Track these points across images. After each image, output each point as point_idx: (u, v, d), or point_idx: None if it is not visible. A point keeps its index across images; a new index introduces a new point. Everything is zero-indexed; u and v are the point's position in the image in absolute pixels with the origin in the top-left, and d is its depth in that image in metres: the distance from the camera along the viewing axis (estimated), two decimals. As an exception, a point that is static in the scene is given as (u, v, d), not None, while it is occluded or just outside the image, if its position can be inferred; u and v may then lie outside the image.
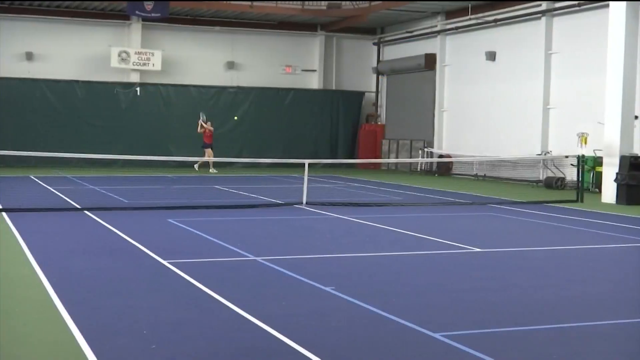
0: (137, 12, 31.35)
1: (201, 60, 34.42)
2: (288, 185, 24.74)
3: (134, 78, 33.12)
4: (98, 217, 15.31)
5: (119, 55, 32.47)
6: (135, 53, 32.66)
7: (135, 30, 33.15)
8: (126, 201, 18.81)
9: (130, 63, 32.62)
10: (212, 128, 30.17)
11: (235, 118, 32.65)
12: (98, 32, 32.95)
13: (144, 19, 32.52)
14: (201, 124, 30.01)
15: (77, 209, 16.86)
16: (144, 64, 32.81)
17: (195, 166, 29.90)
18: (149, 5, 31.06)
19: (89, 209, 16.47)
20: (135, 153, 27.97)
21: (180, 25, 34.00)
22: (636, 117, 21.91)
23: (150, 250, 11.41)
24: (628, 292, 9.48)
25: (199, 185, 24.21)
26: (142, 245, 11.95)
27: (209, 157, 28.92)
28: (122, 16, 32.69)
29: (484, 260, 11.61)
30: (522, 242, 13.69)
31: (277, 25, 35.37)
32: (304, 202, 18.36)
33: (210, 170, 29.78)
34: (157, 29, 33.47)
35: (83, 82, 32.39)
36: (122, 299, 8.40)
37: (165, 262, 10.49)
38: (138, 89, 32.91)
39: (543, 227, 15.70)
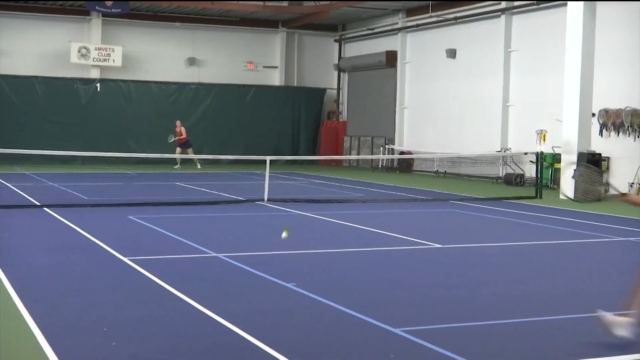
0: (97, 7, 31.10)
1: (162, 56, 34.24)
2: (250, 182, 24.71)
3: (94, 74, 32.85)
4: (58, 214, 15.17)
5: (79, 51, 32.19)
6: (96, 49, 32.40)
7: (95, 26, 32.88)
8: (86, 198, 18.66)
9: (91, 59, 32.35)
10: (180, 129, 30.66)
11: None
12: (58, 27, 32.63)
13: (104, 15, 32.26)
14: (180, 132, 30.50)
15: (36, 205, 16.68)
16: (104, 60, 32.56)
17: (177, 166, 30.21)
18: (109, 1, 30.80)
19: (48, 206, 16.31)
20: (95, 149, 27.76)
21: (141, 21, 33.78)
22: (593, 115, 22.21)
23: (111, 248, 11.34)
24: (585, 287, 9.62)
25: (160, 182, 24.09)
26: (102, 242, 11.86)
27: (192, 154, 29.54)
28: (82, 12, 32.40)
29: (444, 256, 11.70)
30: (482, 238, 13.81)
31: (239, 22, 35.30)
32: (266, 199, 18.34)
33: (199, 166, 30.52)
34: (117, 24, 33.23)
35: (43, 78, 32.07)
36: (83, 297, 8.34)
37: (126, 260, 10.43)
38: (98, 85, 32.65)
39: (503, 223, 15.85)
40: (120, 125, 32.79)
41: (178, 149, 29.86)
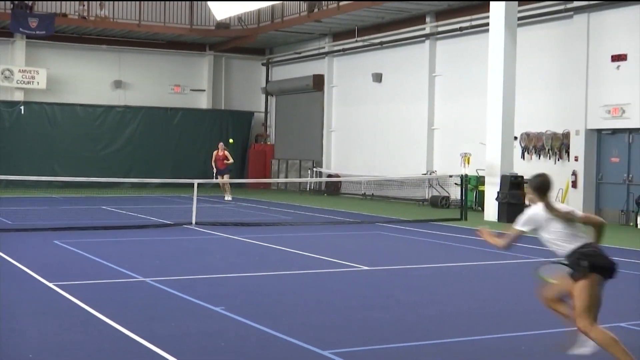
0: (20, 29, 30.56)
1: (88, 79, 33.82)
2: (177, 206, 24.53)
3: (18, 96, 32.27)
4: (-20, 240, 14.84)
5: (2, 73, 31.60)
6: (19, 71, 31.84)
7: (19, 47, 32.32)
8: (10, 222, 18.29)
9: (14, 81, 31.78)
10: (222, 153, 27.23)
11: (231, 141, 29.70)
12: (-20, 49, 32.01)
13: (28, 37, 31.73)
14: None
15: (-43, 231, 16.29)
16: (29, 82, 32.02)
17: (229, 198, 26.80)
18: (33, 22, 30.35)
19: (-30, 231, 15.94)
20: (19, 173, 27.21)
21: (66, 43, 33.34)
22: (515, 138, 22.71)
23: (35, 273, 11.13)
24: (509, 307, 9.79)
25: (85, 206, 23.73)
26: (26, 267, 11.64)
27: (226, 183, 26.32)
28: (6, 33, 31.80)
29: (371, 278, 11.78)
30: (409, 260, 13.96)
31: (166, 45, 35.15)
32: (194, 222, 18.24)
33: (228, 197, 26.87)
34: (42, 46, 32.73)
35: (-36, 100, 31.38)
36: (6, 323, 8.16)
37: (51, 285, 10.26)
38: (22, 107, 32.06)
39: (429, 245, 16.05)
40: (45, 149, 32.24)
41: (220, 177, 26.63)
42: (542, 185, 6.62)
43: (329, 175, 31.52)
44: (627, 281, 11.27)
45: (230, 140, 29.05)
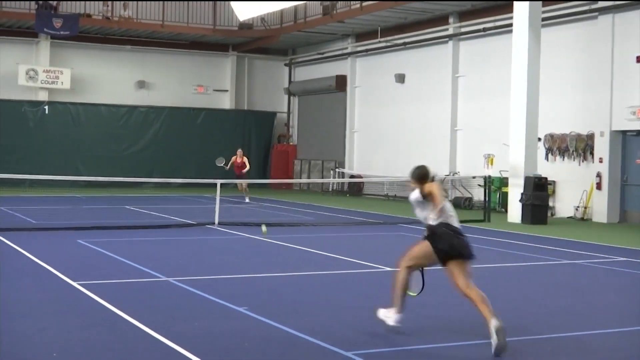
0: (45, 29, 30.78)
1: (111, 79, 34.01)
2: (200, 206, 24.61)
3: (42, 96, 32.50)
4: (5, 239, 14.93)
5: (27, 74, 31.84)
6: (44, 71, 32.07)
7: (43, 48, 32.56)
8: (34, 222, 18.43)
9: (39, 81, 32.01)
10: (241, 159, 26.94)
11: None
12: (5, 49, 32.23)
13: (53, 37, 31.94)
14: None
15: (-18, 230, 16.43)
16: (53, 82, 32.24)
17: (248, 200, 26.42)
18: (57, 23, 30.55)
19: (-5, 230, 16.08)
20: (43, 172, 27.39)
21: (90, 43, 33.55)
22: (539, 139, 22.59)
23: (60, 272, 11.20)
24: (533, 309, 9.73)
25: (109, 206, 23.86)
26: (51, 266, 11.72)
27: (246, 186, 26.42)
28: (31, 34, 32.07)
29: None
30: (431, 261, 13.89)
31: (189, 45, 35.26)
32: (216, 222, 18.28)
33: (247, 200, 26.49)
34: (66, 47, 32.94)
35: (-11, 100, 31.63)
36: (31, 322, 8.22)
37: (75, 284, 10.31)
38: (46, 107, 32.28)
39: (451, 246, 15.95)
40: (68, 148, 32.44)
41: (239, 182, 26.45)
42: (420, 176, 8.21)
43: (352, 176, 31.49)
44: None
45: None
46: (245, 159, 27.04)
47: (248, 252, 14.40)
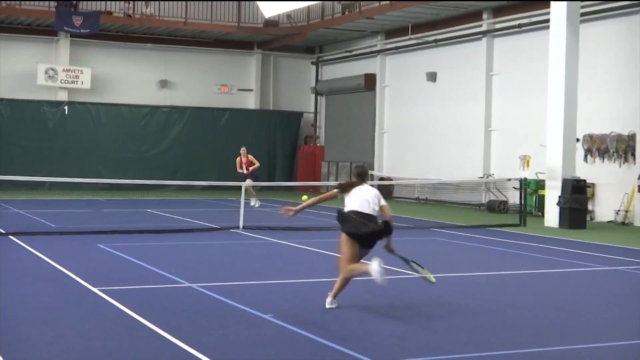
0: (65, 27, 30.99)
1: (133, 78, 34.19)
2: (224, 209, 24.67)
3: (62, 96, 32.74)
4: (24, 243, 15.06)
5: (46, 73, 32.06)
6: (63, 70, 32.29)
7: (63, 46, 32.79)
8: (53, 225, 18.55)
9: (58, 81, 32.23)
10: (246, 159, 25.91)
11: None
12: (24, 48, 32.51)
13: (73, 35, 32.16)
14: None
15: (1, 234, 16.54)
16: (73, 82, 32.45)
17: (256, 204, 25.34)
18: (77, 21, 30.76)
19: (14, 234, 16.19)
20: (63, 175, 27.52)
21: (110, 41, 33.74)
22: (578, 140, 22.40)
23: (80, 277, 11.26)
24: (573, 318, 9.65)
25: (130, 209, 23.97)
26: (71, 271, 11.78)
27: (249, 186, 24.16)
28: (50, 32, 32.31)
29: (425, 286, 11.65)
30: (465, 267, 13.84)
31: (213, 43, 35.36)
32: (241, 226, 18.31)
33: (254, 204, 25.22)
34: (86, 45, 33.14)
35: (7, 100, 31.88)
36: (51, 329, 8.27)
37: (95, 290, 10.36)
38: (66, 107, 32.52)
39: (486, 252, 15.90)
40: (89, 150, 32.63)
41: (249, 182, 24.09)
42: (359, 173, 10.15)
43: (381, 179, 31.42)
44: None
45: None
46: (252, 158, 25.94)
47: (274, 258, 14.39)
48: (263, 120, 35.83)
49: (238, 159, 26.08)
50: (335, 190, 10.24)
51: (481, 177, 26.83)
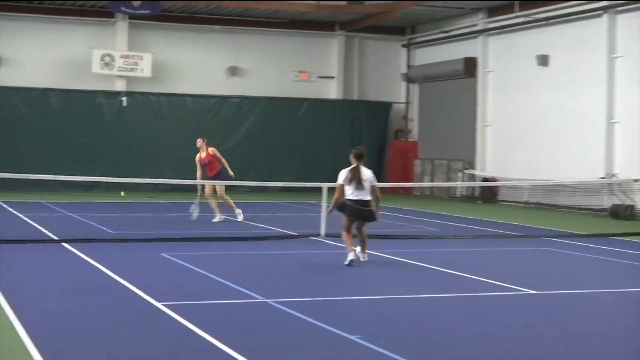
0: (122, 8, 31.51)
1: (199, 65, 34.52)
2: (303, 214, 24.79)
3: (120, 86, 33.25)
4: (78, 251, 15.34)
5: (102, 60, 32.59)
6: (121, 57, 32.78)
7: (120, 30, 33.32)
8: (111, 232, 18.86)
9: (115, 68, 32.73)
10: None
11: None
12: (77, 32, 33.13)
13: (131, 17, 32.66)
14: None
15: (54, 240, 16.90)
16: (132, 70, 32.94)
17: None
18: (137, 1, 31.23)
19: (67, 241, 16.50)
20: (121, 174, 27.90)
21: (173, 24, 34.13)
22: None
23: (141, 290, 11.42)
24: None
25: (196, 213, 24.19)
26: (130, 283, 11.96)
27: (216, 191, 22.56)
28: (106, 13, 32.85)
29: (538, 304, 11.56)
30: (585, 283, 13.65)
31: (288, 24, 35.48)
32: (323, 233, 18.33)
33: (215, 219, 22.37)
34: (146, 28, 33.62)
35: (60, 90, 32.52)
36: (108, 347, 8.40)
37: (158, 304, 10.49)
38: (124, 98, 33.03)
39: (609, 265, 15.65)
40: (149, 146, 33.07)
41: (207, 186, 22.52)
42: (357, 155, 14.13)
43: (484, 179, 31.20)
44: None
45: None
46: (214, 151, 22.46)
47: (360, 269, 14.38)
48: (346, 111, 35.86)
49: (197, 155, 22.74)
50: (341, 184, 14.13)
51: (602, 178, 26.41)
